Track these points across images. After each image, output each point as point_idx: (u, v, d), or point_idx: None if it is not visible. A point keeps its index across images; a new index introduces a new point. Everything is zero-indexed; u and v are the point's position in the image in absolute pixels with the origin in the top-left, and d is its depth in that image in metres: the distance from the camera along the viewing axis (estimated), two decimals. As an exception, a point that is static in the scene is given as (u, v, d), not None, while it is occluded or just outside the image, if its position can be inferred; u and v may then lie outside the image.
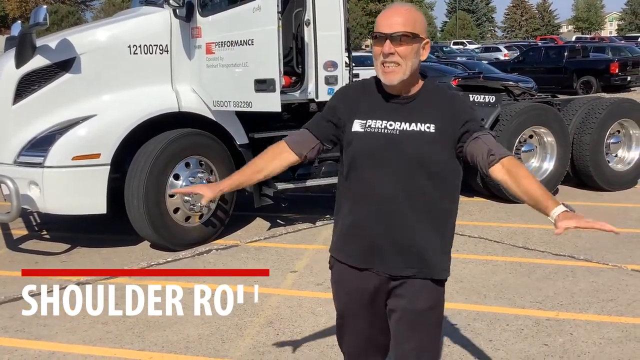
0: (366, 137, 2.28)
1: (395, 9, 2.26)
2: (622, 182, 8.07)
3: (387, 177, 2.25)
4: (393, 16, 2.23)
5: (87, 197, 5.62)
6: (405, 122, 2.25)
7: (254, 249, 5.99)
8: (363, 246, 2.33)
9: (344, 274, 2.46)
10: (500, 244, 5.92)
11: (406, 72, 2.22)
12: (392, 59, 2.21)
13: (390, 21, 2.22)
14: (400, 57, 2.21)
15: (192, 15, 6.03)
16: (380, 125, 2.28)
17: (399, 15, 2.23)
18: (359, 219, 2.33)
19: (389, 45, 2.20)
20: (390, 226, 2.27)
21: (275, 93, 5.52)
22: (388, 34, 2.20)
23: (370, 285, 2.37)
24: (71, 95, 5.79)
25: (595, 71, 22.07)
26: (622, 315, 4.29)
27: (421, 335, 2.36)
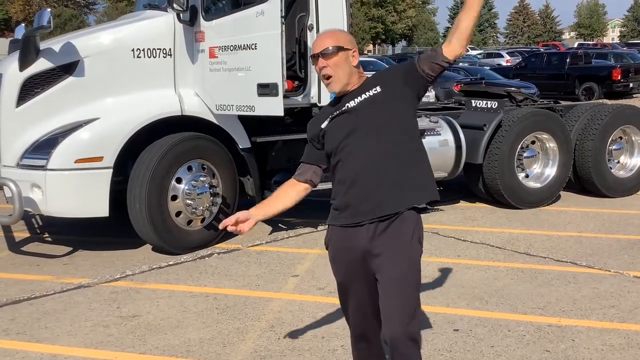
0: (332, 126, 2.77)
1: (323, 33, 2.86)
2: (624, 188, 8.06)
3: (361, 143, 2.68)
4: (321, 39, 2.79)
5: (89, 200, 5.62)
6: (355, 99, 2.73)
7: (255, 253, 5.99)
8: (357, 203, 2.73)
9: (335, 236, 2.93)
10: (502, 250, 5.91)
11: (341, 79, 2.73)
12: (326, 71, 2.73)
13: (319, 43, 2.77)
14: (332, 68, 2.72)
15: (195, 19, 6.05)
16: (339, 113, 2.76)
17: (326, 37, 2.78)
18: (350, 182, 2.75)
19: (321, 61, 2.73)
20: (377, 178, 2.67)
21: (278, 97, 5.53)
22: (318, 52, 2.74)
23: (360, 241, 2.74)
24: (74, 99, 5.81)
25: (597, 77, 22.08)
26: (624, 321, 4.28)
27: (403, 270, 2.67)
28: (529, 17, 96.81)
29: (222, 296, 4.88)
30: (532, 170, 7.59)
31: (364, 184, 2.68)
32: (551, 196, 7.60)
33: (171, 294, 4.94)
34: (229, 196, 6.18)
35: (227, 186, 6.17)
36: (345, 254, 2.83)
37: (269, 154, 6.42)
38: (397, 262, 2.65)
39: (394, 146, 2.66)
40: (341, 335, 4.08)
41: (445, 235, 6.37)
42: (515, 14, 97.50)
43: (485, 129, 7.22)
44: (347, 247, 2.81)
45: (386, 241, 2.68)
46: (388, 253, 2.67)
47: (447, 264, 5.46)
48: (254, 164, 6.26)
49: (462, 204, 7.75)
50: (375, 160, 2.66)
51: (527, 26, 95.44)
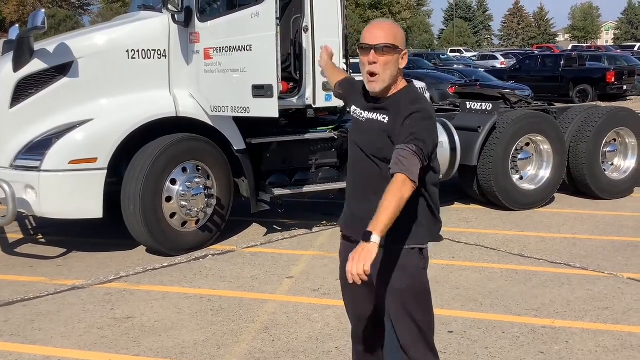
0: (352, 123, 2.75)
1: (379, 23, 2.62)
2: (618, 190, 8.09)
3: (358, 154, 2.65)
4: (376, 29, 2.56)
5: (83, 202, 5.60)
6: (371, 112, 2.62)
7: (250, 254, 5.98)
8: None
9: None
10: (497, 252, 5.93)
11: (385, 80, 2.55)
12: (373, 69, 2.52)
13: (374, 34, 2.55)
14: (381, 66, 2.52)
15: (190, 20, 6.04)
16: (358, 113, 2.69)
17: (381, 29, 2.56)
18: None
19: (372, 55, 2.52)
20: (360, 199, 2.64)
21: (272, 99, 5.52)
22: (372, 45, 2.52)
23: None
24: (68, 100, 5.79)
25: (591, 80, 22.16)
26: (617, 323, 4.29)
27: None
28: (524, 20, 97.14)
29: (216, 298, 4.87)
30: (526, 172, 7.61)
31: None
32: (545, 198, 7.62)
33: (165, 296, 4.93)
34: (223, 198, 6.17)
35: (222, 188, 6.16)
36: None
37: (263, 156, 6.42)
38: (398, 273, 2.56)
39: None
40: (336, 337, 4.08)
41: (439, 236, 6.36)
42: (509, 16, 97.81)
43: (479, 131, 7.23)
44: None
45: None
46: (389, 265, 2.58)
47: (441, 265, 5.47)
48: (248, 166, 6.25)
49: (457, 205, 7.76)
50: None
51: (521, 28, 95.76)
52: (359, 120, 2.67)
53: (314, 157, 6.61)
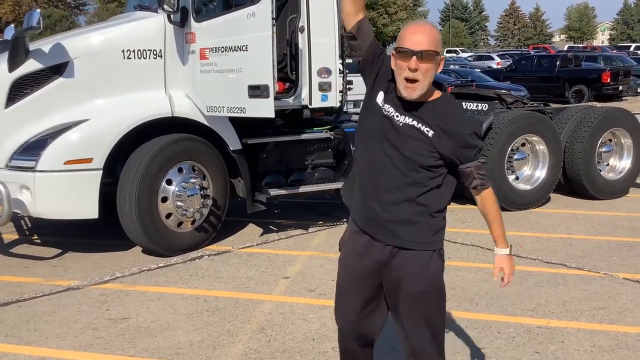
0: (376, 115, 2.54)
1: (421, 26, 2.44)
2: (614, 190, 8.11)
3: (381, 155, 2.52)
4: (419, 34, 2.40)
5: (78, 202, 5.59)
6: (409, 118, 2.47)
7: (246, 254, 5.97)
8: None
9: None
10: (492, 252, 5.88)
11: (424, 87, 2.43)
12: (415, 76, 2.39)
13: (416, 38, 2.39)
14: (422, 74, 2.39)
15: (186, 20, 6.03)
16: (391, 112, 2.50)
17: (424, 34, 2.40)
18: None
19: (415, 62, 2.37)
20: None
21: (268, 99, 5.52)
22: (415, 50, 2.37)
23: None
24: (64, 100, 5.77)
25: (587, 80, 22.22)
26: (613, 323, 4.30)
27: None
28: (520, 20, 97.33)
29: (212, 298, 4.86)
30: (522, 172, 7.62)
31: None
32: (541, 198, 7.64)
33: (161, 296, 4.93)
34: (219, 198, 6.16)
35: (218, 188, 6.16)
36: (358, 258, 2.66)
37: (259, 156, 6.41)
38: (418, 277, 2.57)
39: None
40: (332, 337, 4.07)
41: (435, 237, 6.37)
42: (505, 17, 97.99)
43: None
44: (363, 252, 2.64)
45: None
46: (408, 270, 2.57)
47: (437, 265, 5.46)
48: (244, 166, 6.25)
49: (453, 205, 7.76)
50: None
51: (517, 29, 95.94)
52: (393, 121, 2.49)
53: (310, 158, 6.61)
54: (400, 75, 2.43)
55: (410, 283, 2.55)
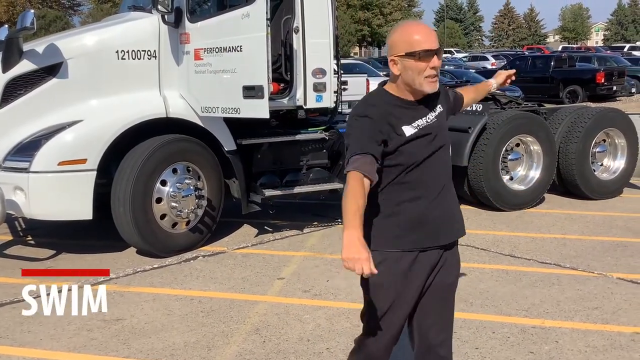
0: (418, 135, 2.53)
1: (423, 26, 2.52)
2: (608, 190, 8.13)
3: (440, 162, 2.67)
4: (429, 34, 2.48)
5: (72, 203, 5.57)
6: (432, 112, 2.59)
7: (241, 255, 5.97)
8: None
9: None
10: (487, 252, 5.94)
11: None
12: (436, 72, 2.49)
13: (431, 38, 2.47)
14: (438, 68, 2.51)
15: (180, 21, 6.02)
16: (424, 122, 2.54)
17: (431, 32, 2.50)
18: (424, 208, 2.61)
19: (436, 59, 2.47)
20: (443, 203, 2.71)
21: (263, 100, 5.52)
22: (436, 49, 2.46)
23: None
24: (58, 100, 5.76)
25: (581, 81, 22.28)
26: (607, 323, 4.31)
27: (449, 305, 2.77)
28: (514, 21, 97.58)
29: (207, 299, 4.85)
30: (516, 172, 7.63)
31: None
32: (535, 198, 7.65)
33: (155, 297, 4.92)
34: (214, 199, 6.16)
35: (213, 189, 6.15)
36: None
37: (254, 157, 6.41)
38: (454, 267, 2.81)
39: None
40: (327, 338, 4.08)
41: (430, 237, 6.37)
42: (500, 17, 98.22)
43: (470, 131, 7.25)
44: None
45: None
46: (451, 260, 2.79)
47: (432, 266, 5.46)
48: (239, 167, 6.24)
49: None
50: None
51: (512, 29, 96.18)
52: (428, 125, 2.54)
53: (305, 158, 6.61)
54: (420, 75, 2.46)
55: (445, 276, 2.72)
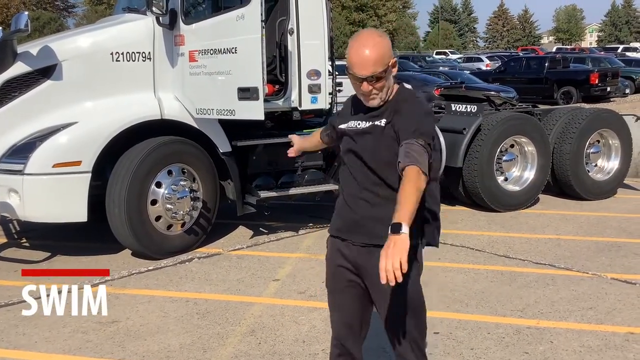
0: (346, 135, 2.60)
1: (363, 48, 2.40)
2: (602, 191, 8.16)
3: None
4: (363, 59, 2.39)
5: (67, 205, 5.56)
6: (369, 121, 2.53)
7: (236, 257, 5.97)
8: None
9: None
10: (482, 253, 5.95)
11: (383, 95, 2.49)
12: (371, 95, 2.46)
13: (363, 62, 2.39)
14: (377, 89, 2.45)
15: (175, 23, 6.02)
16: (353, 125, 2.58)
17: (369, 55, 2.38)
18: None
19: (366, 86, 2.43)
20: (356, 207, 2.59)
21: (258, 101, 5.52)
22: (364, 77, 2.40)
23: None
24: (52, 102, 5.75)
25: (575, 82, 22.35)
26: (601, 323, 4.33)
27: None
28: (508, 22, 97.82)
29: (202, 301, 4.85)
30: (511, 173, 7.66)
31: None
32: (530, 199, 7.67)
33: (151, 299, 4.91)
34: (209, 200, 6.15)
35: (208, 190, 6.15)
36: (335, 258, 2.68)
37: (249, 158, 6.41)
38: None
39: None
40: (322, 339, 4.08)
41: (425, 238, 6.38)
42: (494, 19, 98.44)
43: (464, 132, 7.27)
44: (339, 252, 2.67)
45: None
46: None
47: (427, 267, 5.43)
48: (234, 168, 6.24)
49: (443, 207, 7.71)
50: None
51: (506, 30, 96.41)
52: (357, 130, 2.55)
53: (300, 160, 6.60)
54: (358, 91, 2.50)
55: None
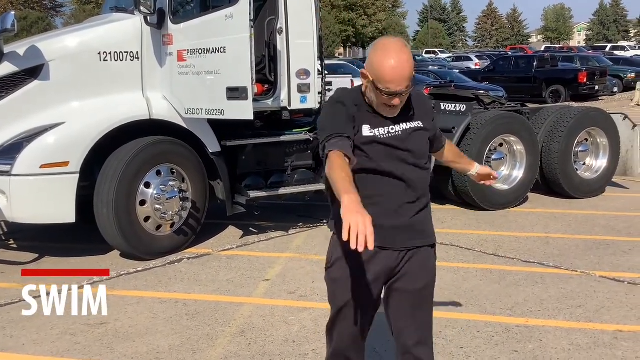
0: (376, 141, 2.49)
1: (399, 60, 2.34)
2: (590, 189, 8.20)
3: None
4: (401, 75, 2.34)
5: (55, 206, 5.53)
6: (397, 124, 2.50)
7: (226, 257, 5.95)
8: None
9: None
10: (471, 252, 5.97)
11: (402, 105, 2.47)
12: (398, 105, 2.43)
13: (399, 78, 2.34)
14: (404, 100, 2.45)
15: (163, 22, 5.99)
16: (384, 132, 2.48)
17: (406, 71, 2.35)
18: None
19: (398, 100, 2.41)
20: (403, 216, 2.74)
21: (247, 101, 5.50)
22: (398, 92, 2.37)
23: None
24: (40, 103, 5.71)
25: (564, 80, 22.47)
26: (590, 321, 4.35)
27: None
28: (497, 21, 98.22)
29: (191, 302, 4.83)
30: (500, 172, 7.66)
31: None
32: (519, 198, 7.70)
33: (140, 301, 4.88)
34: (199, 201, 6.13)
35: (197, 191, 6.12)
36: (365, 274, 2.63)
37: (239, 158, 6.39)
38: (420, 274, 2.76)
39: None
40: (312, 339, 4.07)
41: (415, 237, 6.39)
42: (483, 18, 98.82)
43: (454, 131, 7.28)
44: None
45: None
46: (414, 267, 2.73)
47: (417, 266, 5.48)
48: (224, 168, 6.22)
49: (432, 206, 7.71)
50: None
51: (495, 30, 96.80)
52: (396, 135, 2.49)
53: (290, 159, 6.60)
54: (379, 102, 2.44)
55: (411, 280, 2.81)
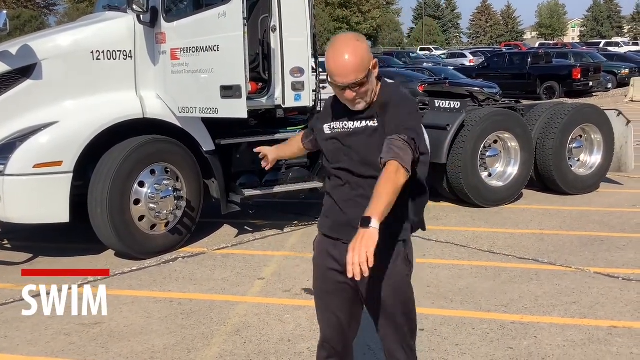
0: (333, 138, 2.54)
1: (342, 56, 2.32)
2: (585, 186, 8.22)
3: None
4: (344, 64, 2.32)
5: (49, 206, 5.50)
6: (359, 122, 2.47)
7: (221, 256, 5.94)
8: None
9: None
10: (466, 248, 5.98)
11: (368, 99, 2.43)
12: (356, 100, 2.39)
13: (342, 70, 2.33)
14: (361, 94, 2.39)
15: (156, 20, 5.96)
16: (340, 125, 2.52)
17: (349, 62, 2.31)
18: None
19: (349, 93, 2.37)
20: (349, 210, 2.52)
21: (241, 99, 5.49)
22: (346, 85, 2.34)
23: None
24: (32, 102, 5.69)
25: (558, 77, 22.52)
26: (585, 317, 4.36)
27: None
28: (491, 18, 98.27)
29: (186, 301, 4.82)
30: (494, 169, 7.68)
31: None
32: (513, 194, 7.71)
33: (135, 300, 4.87)
34: (193, 199, 6.11)
35: (192, 189, 6.11)
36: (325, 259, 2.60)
37: (233, 157, 6.38)
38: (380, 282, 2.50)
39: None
40: (307, 337, 4.07)
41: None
42: (477, 15, 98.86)
43: (448, 129, 7.28)
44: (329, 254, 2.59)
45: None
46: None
47: (412, 263, 5.48)
48: (218, 167, 6.21)
49: (427, 203, 7.79)
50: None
51: (489, 26, 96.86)
52: (346, 131, 2.48)
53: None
54: (342, 97, 2.43)
55: (380, 277, 2.58)
